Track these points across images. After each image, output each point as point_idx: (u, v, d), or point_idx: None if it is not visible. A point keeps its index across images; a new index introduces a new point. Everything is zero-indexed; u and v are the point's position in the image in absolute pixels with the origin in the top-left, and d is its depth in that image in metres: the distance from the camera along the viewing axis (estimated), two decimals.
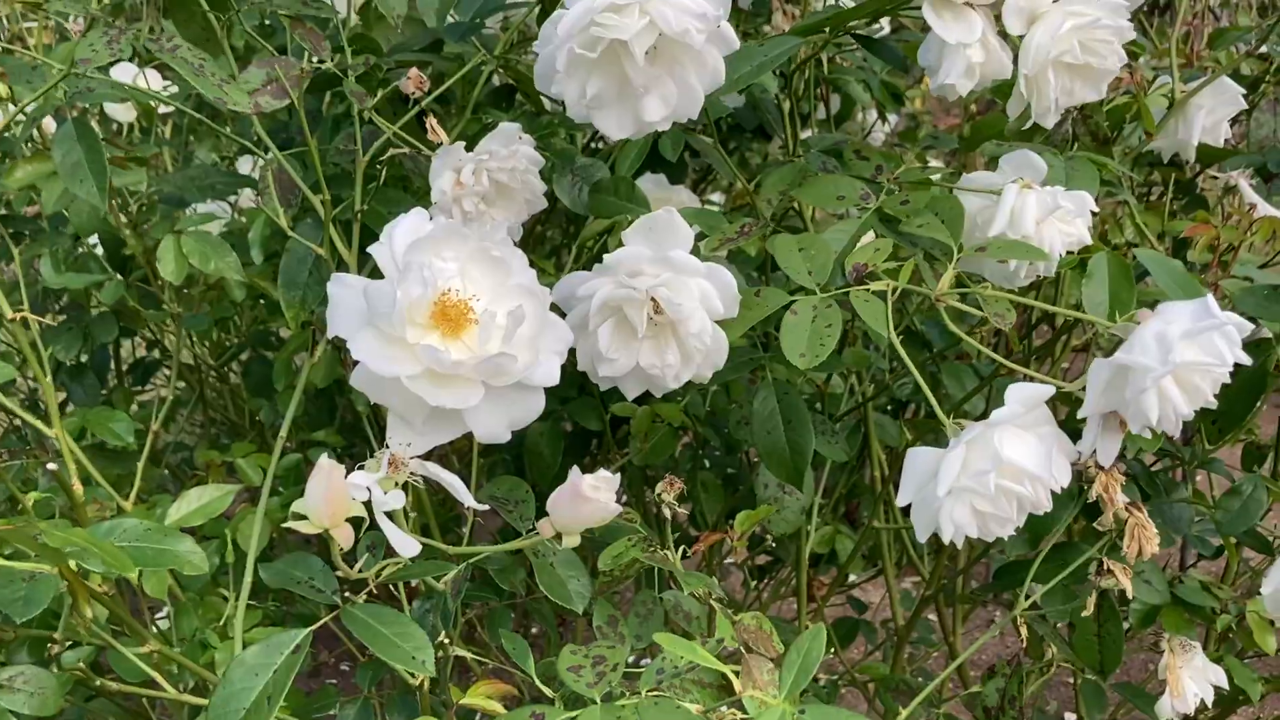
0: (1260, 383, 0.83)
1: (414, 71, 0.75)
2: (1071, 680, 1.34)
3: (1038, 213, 0.75)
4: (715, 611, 0.73)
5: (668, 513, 0.73)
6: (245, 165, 1.29)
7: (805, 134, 1.27)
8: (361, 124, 0.82)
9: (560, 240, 1.38)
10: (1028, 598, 0.83)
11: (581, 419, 1.12)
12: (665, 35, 0.66)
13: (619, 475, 0.61)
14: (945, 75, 0.74)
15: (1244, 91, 1.21)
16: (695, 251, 0.74)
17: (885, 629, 1.52)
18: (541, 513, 0.64)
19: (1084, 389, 0.66)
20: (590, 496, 0.58)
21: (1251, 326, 0.63)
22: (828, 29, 0.81)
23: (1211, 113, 0.99)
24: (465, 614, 1.14)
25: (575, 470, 0.60)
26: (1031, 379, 0.68)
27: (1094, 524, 0.82)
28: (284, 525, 0.56)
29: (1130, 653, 1.26)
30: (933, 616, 1.44)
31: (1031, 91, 0.74)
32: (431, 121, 0.76)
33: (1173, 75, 0.98)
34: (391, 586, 0.75)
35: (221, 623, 0.91)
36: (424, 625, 0.78)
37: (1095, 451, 0.68)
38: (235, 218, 1.29)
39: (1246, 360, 0.63)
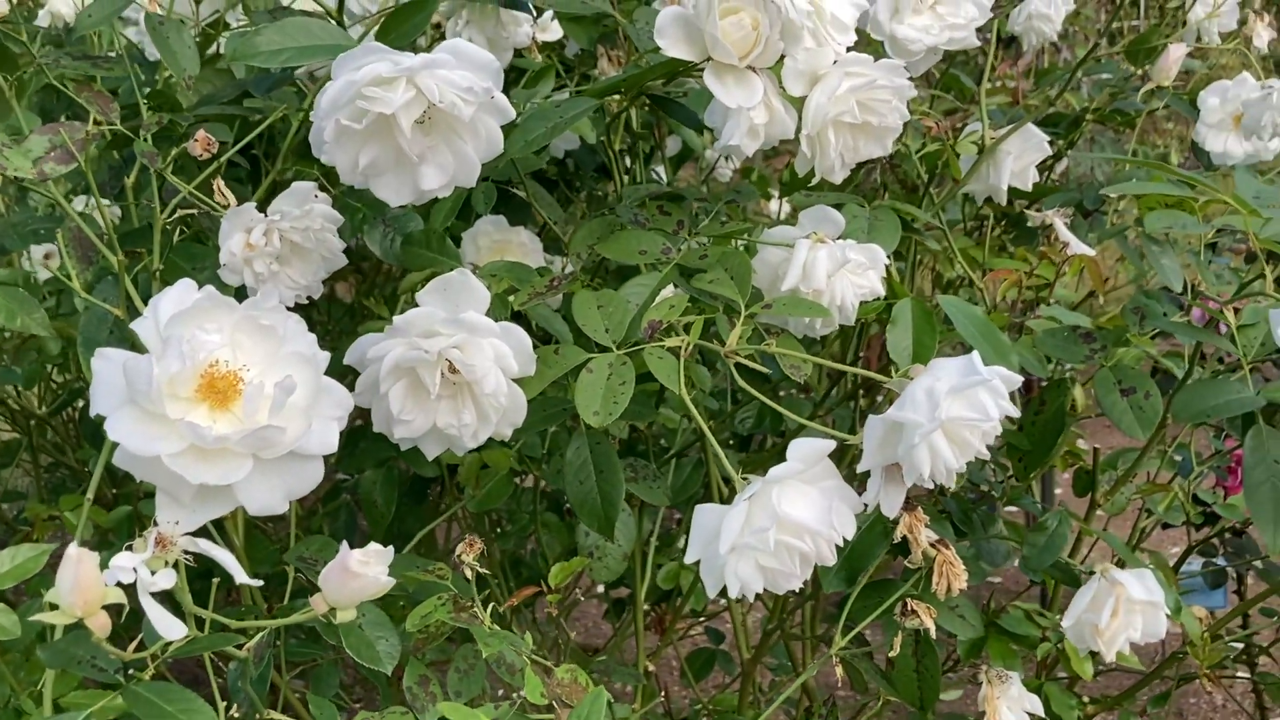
0: (1059, 422, 0.86)
1: (201, 134, 0.74)
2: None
3: (829, 266, 0.77)
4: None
5: (469, 573, 0.73)
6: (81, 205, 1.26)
7: (658, 169, 1.28)
8: (161, 182, 0.80)
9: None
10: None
11: (416, 465, 1.11)
12: (436, 106, 0.67)
13: (390, 549, 0.60)
14: (729, 137, 0.75)
15: (1059, 133, 1.26)
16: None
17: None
18: None
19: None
20: (359, 572, 0.57)
21: (1019, 379, 0.65)
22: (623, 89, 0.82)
23: (1019, 157, 1.02)
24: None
25: (345, 546, 0.59)
26: (820, 431, 0.69)
27: (906, 561, 0.84)
28: (31, 619, 0.54)
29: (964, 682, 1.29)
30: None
31: (814, 150, 0.76)
32: (218, 184, 0.74)
33: (982, 122, 1.01)
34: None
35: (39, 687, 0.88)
36: (236, 694, 0.77)
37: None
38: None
39: (1014, 412, 0.65)
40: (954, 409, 0.62)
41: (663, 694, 1.59)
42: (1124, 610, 0.79)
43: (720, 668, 1.46)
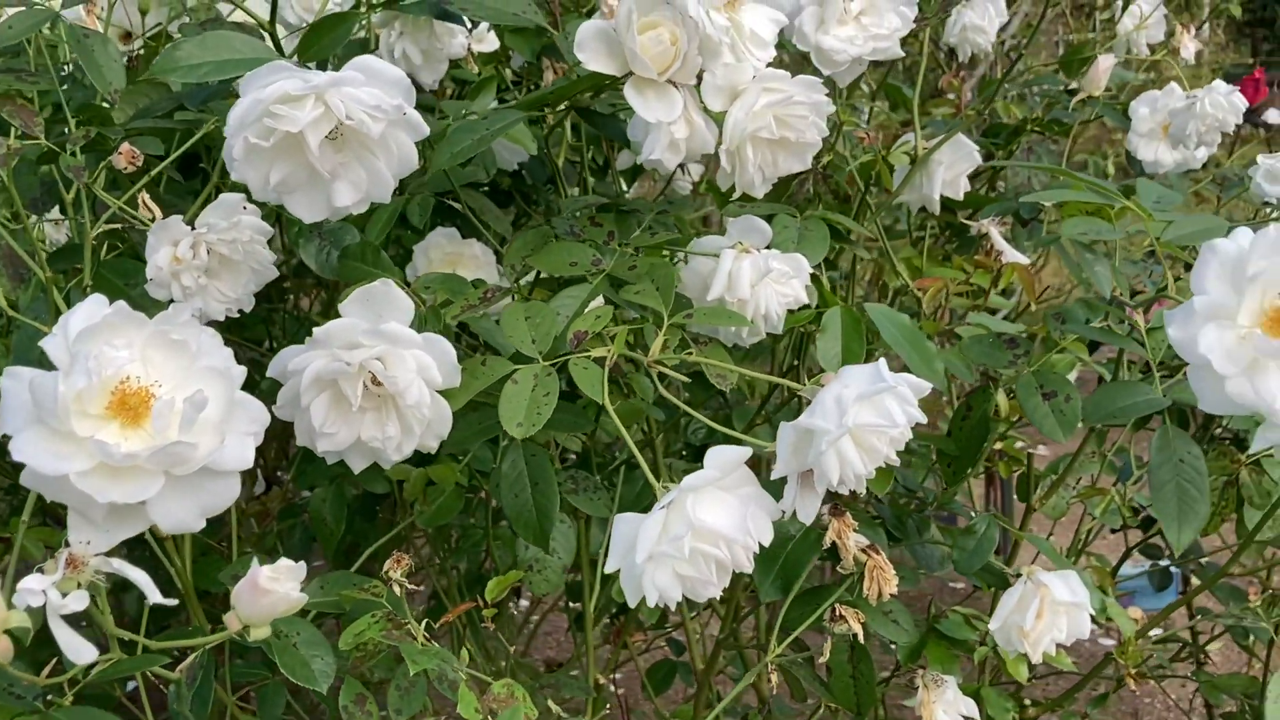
0: (984, 428, 0.88)
1: (125, 147, 0.74)
2: None
3: (752, 276, 0.77)
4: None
5: (398, 590, 0.73)
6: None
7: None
8: (91, 197, 0.81)
9: None
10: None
11: (366, 483, 1.11)
12: (346, 123, 0.67)
13: (302, 564, 0.61)
14: (649, 151, 0.76)
15: (999, 143, 1.28)
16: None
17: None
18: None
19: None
20: (269, 588, 0.58)
21: (928, 386, 0.66)
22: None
23: (951, 167, 1.04)
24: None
25: (255, 562, 0.59)
26: (734, 439, 0.70)
27: (838, 567, 0.85)
28: None
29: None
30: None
31: (733, 164, 0.77)
32: (144, 197, 0.75)
33: (915, 133, 1.03)
34: None
35: None
36: (176, 717, 0.76)
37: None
38: None
39: (921, 418, 0.65)
40: (861, 416, 0.63)
41: (620, 707, 1.59)
42: (1049, 612, 0.80)
43: (682, 679, 1.46)
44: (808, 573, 0.87)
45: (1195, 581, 1.58)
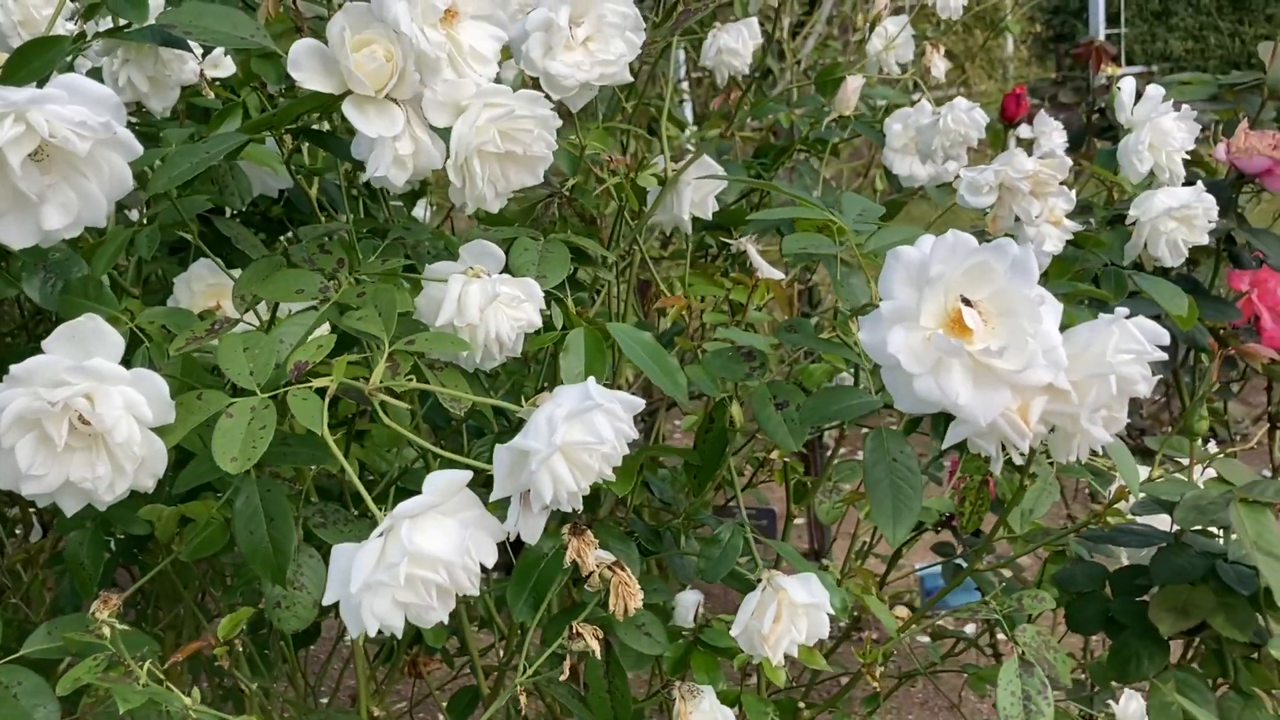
0: (723, 438, 0.90)
1: None
2: None
3: (481, 300, 0.77)
4: None
5: (106, 631, 0.70)
6: None
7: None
8: None
9: None
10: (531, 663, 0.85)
11: (121, 524, 1.06)
12: (50, 143, 0.65)
13: None
14: (374, 168, 0.75)
15: (766, 163, 1.31)
16: None
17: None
18: None
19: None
20: None
21: (641, 403, 0.67)
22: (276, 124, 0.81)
23: (698, 188, 1.06)
24: None
25: None
26: (458, 464, 0.69)
27: (586, 585, 0.85)
28: None
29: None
30: None
31: (462, 179, 0.77)
32: None
33: (664, 153, 1.05)
34: None
35: None
36: None
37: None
38: None
39: (634, 434, 0.67)
40: (571, 434, 0.64)
41: None
42: (786, 615, 0.82)
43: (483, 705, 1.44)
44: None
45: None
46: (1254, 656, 0.96)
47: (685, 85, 2.85)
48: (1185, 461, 1.09)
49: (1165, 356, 0.64)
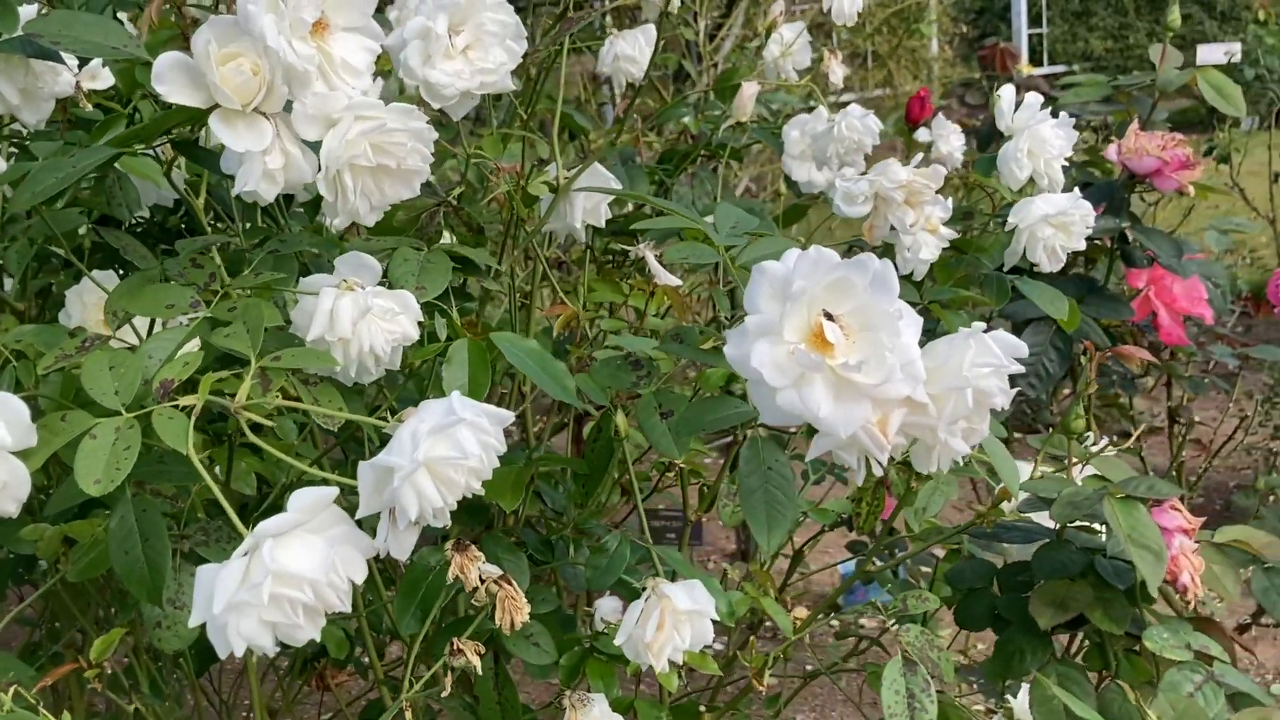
0: (609, 449, 0.90)
1: None
2: None
3: (353, 313, 0.77)
4: None
5: None
6: None
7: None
8: None
9: None
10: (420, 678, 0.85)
11: (9, 544, 1.04)
12: None
13: None
14: (243, 183, 0.74)
15: (669, 169, 1.32)
16: None
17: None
18: None
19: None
20: None
21: (510, 416, 0.67)
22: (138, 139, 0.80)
23: (590, 196, 1.06)
24: None
25: None
26: (327, 481, 0.69)
27: (473, 600, 0.85)
28: None
29: None
30: None
31: (334, 192, 0.76)
32: None
33: (556, 162, 1.04)
34: None
35: None
36: None
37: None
38: None
39: (501, 448, 0.66)
40: (435, 449, 0.63)
41: None
42: (670, 622, 0.82)
43: None
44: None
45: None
46: (1135, 649, 0.98)
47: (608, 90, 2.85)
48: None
49: (1022, 369, 0.65)
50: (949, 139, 1.43)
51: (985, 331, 0.68)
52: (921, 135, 1.56)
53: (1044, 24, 8.02)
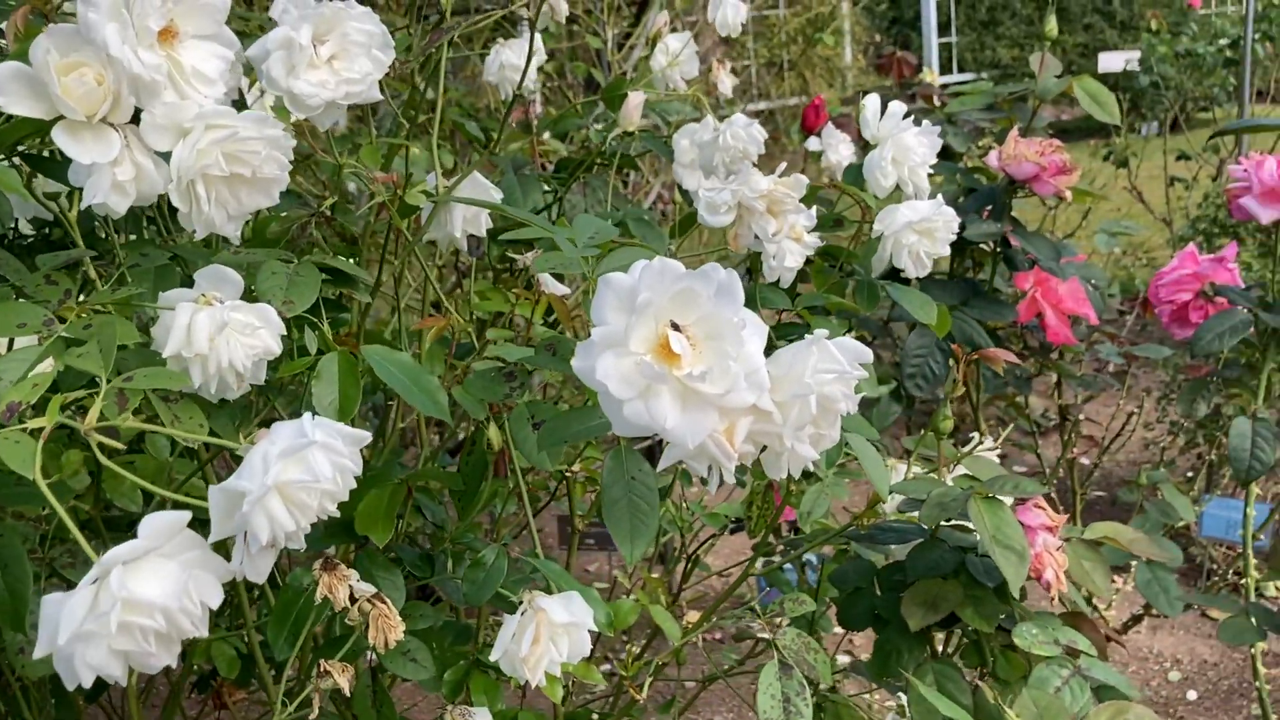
0: (483, 465, 0.90)
1: None
2: None
3: (211, 329, 0.75)
4: None
5: None
6: None
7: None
8: None
9: None
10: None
11: None
12: None
13: None
14: (92, 195, 0.73)
15: (563, 178, 1.31)
16: None
17: None
18: None
19: None
20: None
21: (367, 436, 0.67)
22: None
23: (469, 205, 1.06)
24: None
25: None
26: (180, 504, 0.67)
27: (348, 620, 0.84)
28: None
29: None
30: None
31: (188, 203, 0.75)
32: None
33: (435, 172, 1.04)
34: None
35: None
36: None
37: None
38: None
39: (357, 469, 0.66)
40: (286, 473, 0.63)
41: None
42: (546, 635, 0.82)
43: None
44: None
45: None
46: (1010, 646, 1.01)
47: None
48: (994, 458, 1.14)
49: (866, 375, 0.67)
50: (838, 148, 1.45)
51: (870, 339, 0.70)
52: (812, 144, 1.58)
53: (953, 33, 8.19)
